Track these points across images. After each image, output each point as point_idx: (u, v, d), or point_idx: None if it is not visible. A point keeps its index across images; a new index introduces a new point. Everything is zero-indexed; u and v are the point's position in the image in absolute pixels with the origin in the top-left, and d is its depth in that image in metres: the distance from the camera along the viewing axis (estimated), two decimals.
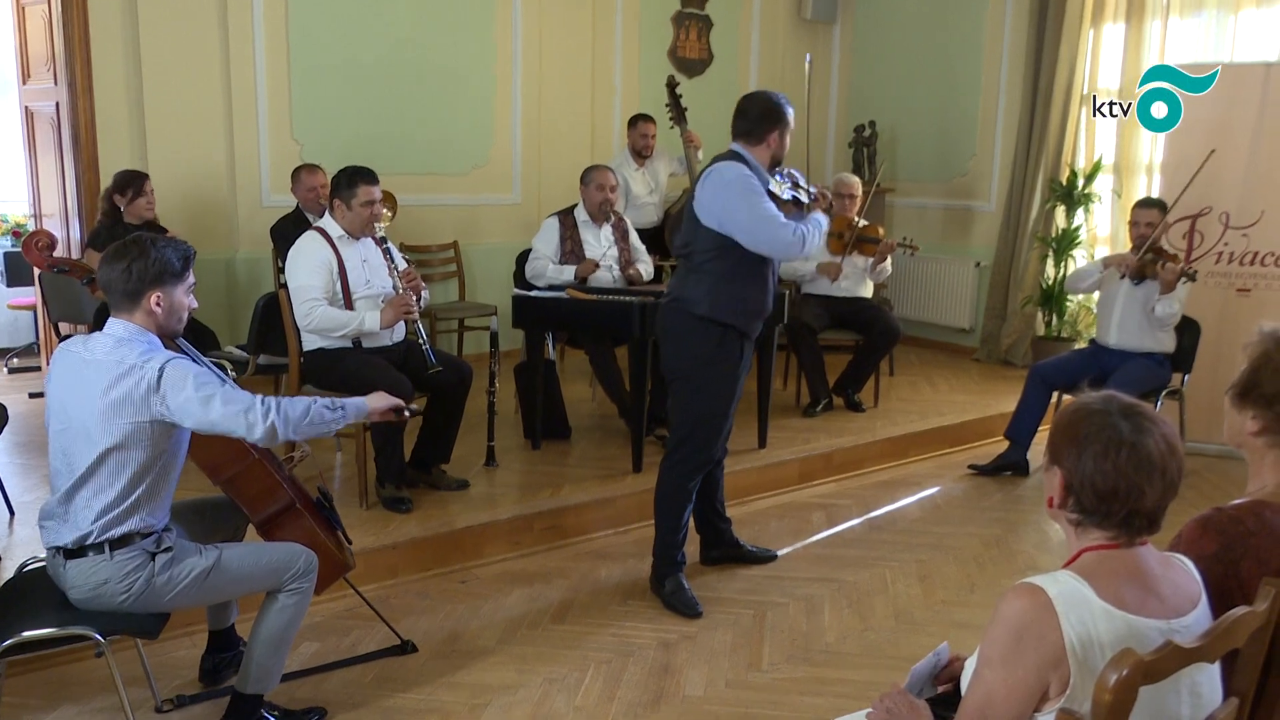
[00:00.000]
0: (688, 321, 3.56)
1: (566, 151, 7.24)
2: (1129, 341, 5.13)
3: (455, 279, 6.93)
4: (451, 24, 6.72)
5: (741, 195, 3.42)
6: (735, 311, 3.55)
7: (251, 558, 2.74)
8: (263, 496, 2.86)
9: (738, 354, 3.61)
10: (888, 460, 5.45)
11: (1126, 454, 1.61)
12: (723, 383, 3.60)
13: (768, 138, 3.53)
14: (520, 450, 5.06)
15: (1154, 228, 5.06)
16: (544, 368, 5.09)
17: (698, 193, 3.54)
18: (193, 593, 2.66)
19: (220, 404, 2.53)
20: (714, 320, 3.53)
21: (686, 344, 3.58)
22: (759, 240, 3.44)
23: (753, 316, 3.62)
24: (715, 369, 3.57)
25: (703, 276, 3.53)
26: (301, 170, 5.58)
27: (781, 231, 3.42)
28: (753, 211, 3.41)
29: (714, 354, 3.56)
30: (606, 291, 5.01)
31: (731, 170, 3.47)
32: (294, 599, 2.77)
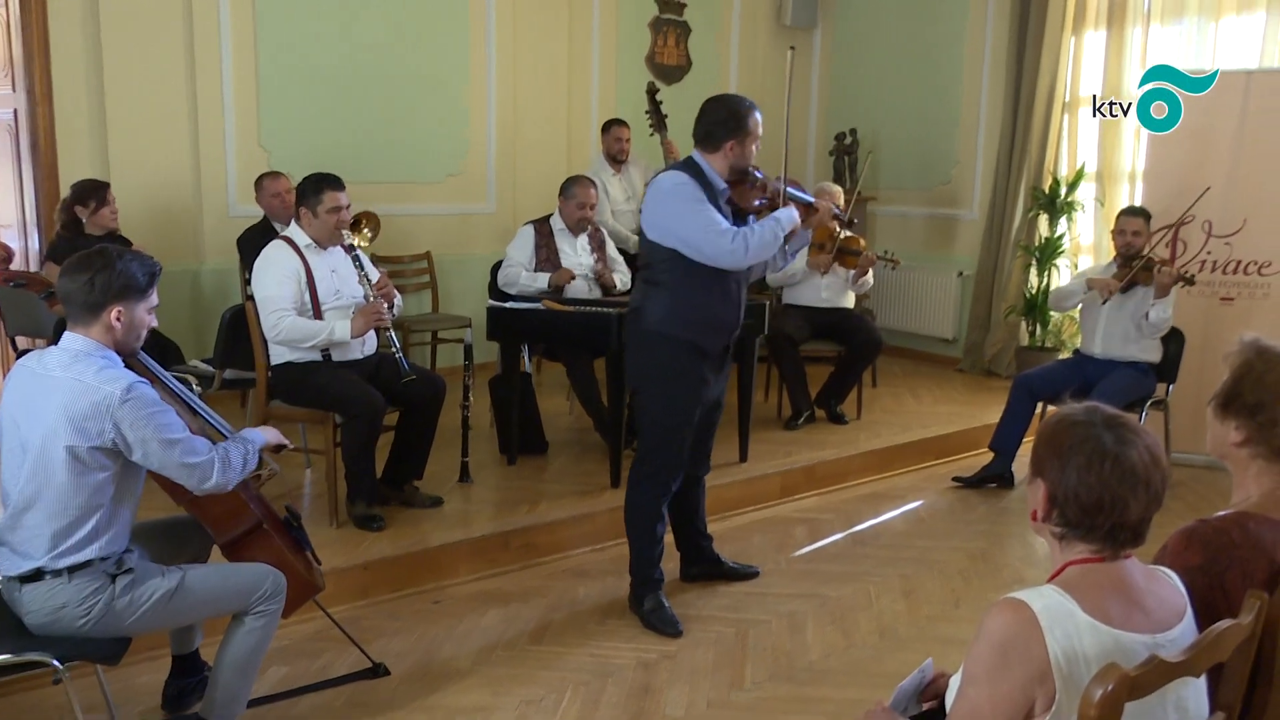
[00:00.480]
0: (644, 335, 3.56)
1: (542, 160, 7.24)
2: (1114, 351, 5.18)
3: (428, 290, 6.91)
4: (425, 29, 6.72)
5: (677, 204, 3.41)
6: (690, 325, 3.50)
7: (217, 579, 2.72)
8: (228, 516, 2.83)
9: (696, 368, 3.55)
10: (871, 473, 5.47)
11: (1110, 466, 1.62)
12: (680, 397, 3.56)
13: (724, 146, 3.48)
14: (495, 466, 5.04)
15: (1140, 236, 5.13)
16: (520, 381, 5.09)
17: (643, 208, 3.57)
18: (155, 616, 2.63)
19: (179, 453, 2.54)
20: (666, 335, 3.51)
21: (643, 358, 3.59)
22: (699, 250, 3.41)
23: (711, 331, 3.56)
24: (672, 384, 3.55)
25: (659, 290, 3.51)
26: (264, 177, 5.56)
27: (719, 240, 3.38)
28: (688, 220, 3.39)
29: (669, 368, 3.53)
30: (583, 303, 5.01)
31: (669, 180, 3.47)
32: (261, 621, 2.74)
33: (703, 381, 3.60)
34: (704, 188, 3.46)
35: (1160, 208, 5.67)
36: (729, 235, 3.40)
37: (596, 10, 7.46)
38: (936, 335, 7.85)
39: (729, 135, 3.47)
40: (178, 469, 2.55)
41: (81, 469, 2.50)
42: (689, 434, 3.64)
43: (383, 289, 4.20)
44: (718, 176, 3.51)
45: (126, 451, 2.51)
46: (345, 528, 4.16)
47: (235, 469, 2.65)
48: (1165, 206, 5.68)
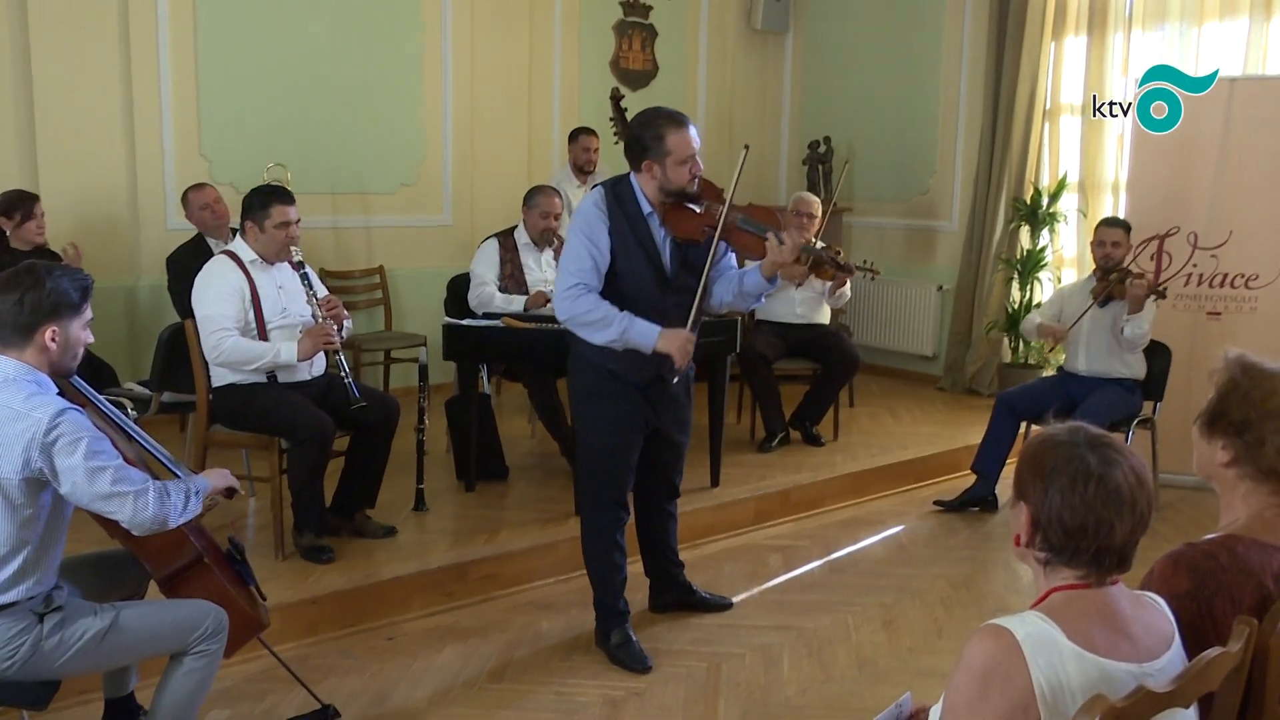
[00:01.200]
0: (572, 358, 3.60)
1: (502, 169, 7.25)
2: (1098, 367, 5.25)
3: (381, 307, 6.88)
4: (376, 32, 6.72)
5: (576, 226, 3.45)
6: (606, 353, 3.47)
7: (154, 617, 2.68)
8: (166, 550, 2.80)
9: (623, 396, 3.51)
10: (848, 497, 5.50)
11: (1094, 487, 1.64)
12: (607, 424, 3.54)
13: (643, 166, 3.40)
14: (452, 493, 5.02)
15: (1120, 247, 5.21)
16: (478, 402, 5.07)
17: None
18: (87, 657, 2.59)
19: (109, 482, 2.48)
20: (588, 360, 3.51)
21: (573, 380, 3.63)
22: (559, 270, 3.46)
23: (631, 362, 3.47)
24: (598, 406, 3.56)
25: None
26: (190, 191, 5.50)
27: (560, 280, 3.41)
28: (572, 243, 3.44)
29: (594, 391, 3.55)
30: (544, 319, 5.01)
31: (586, 199, 3.50)
32: (202, 662, 2.71)
33: (635, 407, 3.54)
34: (621, 211, 3.40)
35: (1144, 219, 5.76)
36: (568, 281, 3.39)
37: (558, 12, 7.50)
38: (915, 352, 7.92)
39: (644, 155, 3.38)
40: (108, 500, 2.50)
41: (7, 503, 2.46)
42: (624, 458, 3.60)
43: (331, 309, 4.18)
44: (644, 199, 3.44)
45: (54, 482, 2.47)
46: (292, 560, 4.12)
47: (175, 507, 2.59)
48: (1149, 218, 5.78)
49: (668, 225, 3.44)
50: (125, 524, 2.56)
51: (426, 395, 4.80)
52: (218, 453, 4.38)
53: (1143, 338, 5.10)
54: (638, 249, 3.44)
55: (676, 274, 3.50)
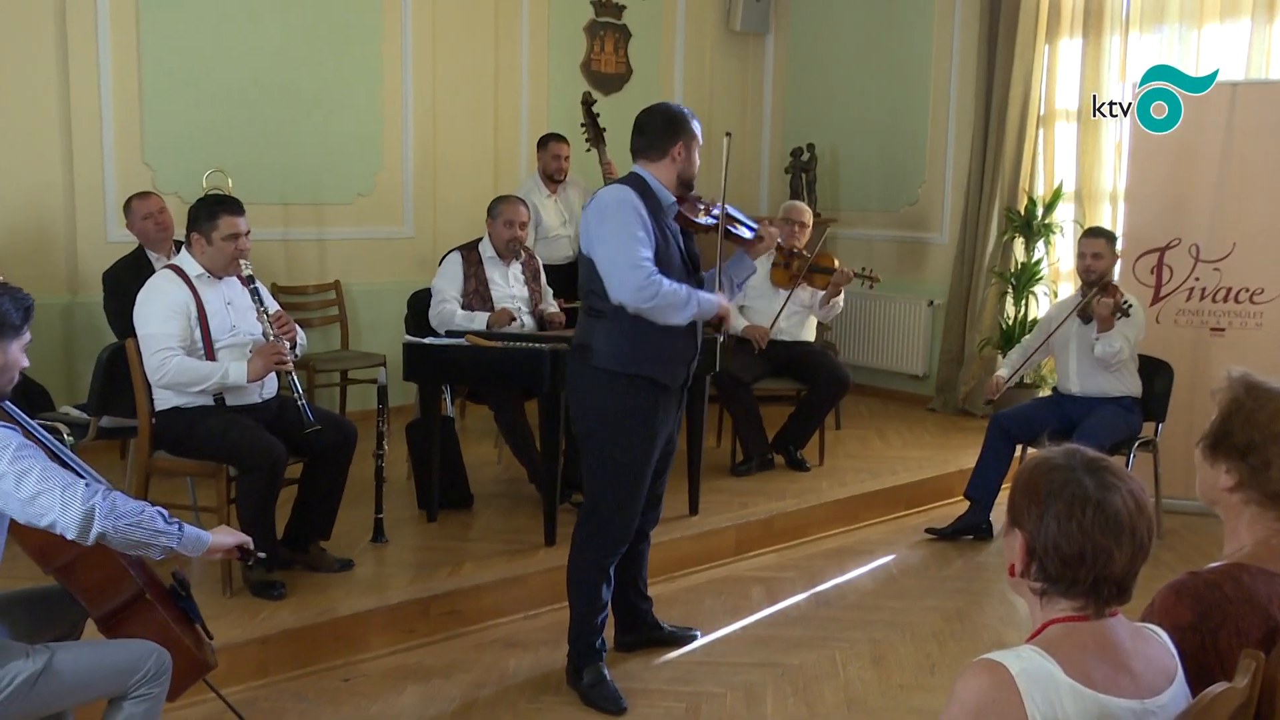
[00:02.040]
0: (588, 374, 3.56)
1: (467, 177, 7.26)
2: (1092, 387, 5.30)
3: (337, 324, 6.86)
4: (332, 33, 6.72)
5: (609, 222, 3.43)
6: (646, 359, 3.52)
7: (91, 659, 2.65)
8: (105, 586, 2.77)
9: (652, 406, 3.57)
10: (835, 526, 5.51)
11: (1092, 513, 1.65)
12: (636, 441, 3.57)
13: (671, 151, 3.55)
14: (414, 523, 5.00)
15: (1101, 259, 5.26)
16: (441, 426, 5.06)
17: (582, 224, 3.61)
18: (18, 703, 2.55)
19: (36, 480, 2.43)
20: (619, 373, 3.52)
21: (592, 399, 3.58)
22: (607, 276, 3.41)
23: (670, 363, 3.59)
24: (628, 427, 3.55)
25: (606, 321, 3.51)
26: (134, 199, 5.47)
27: (631, 273, 3.36)
28: (612, 241, 3.41)
29: (623, 407, 3.54)
30: (513, 337, 5.01)
31: (611, 194, 3.50)
32: (143, 706, 2.68)
33: (662, 422, 3.64)
34: (648, 204, 3.50)
35: (1143, 230, 5.83)
36: (644, 272, 3.37)
37: (525, 13, 7.53)
38: (905, 371, 7.96)
39: (675, 139, 3.55)
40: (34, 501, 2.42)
41: None
42: (645, 484, 3.66)
43: (284, 326, 4.16)
44: (665, 190, 3.57)
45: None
46: (241, 596, 4.09)
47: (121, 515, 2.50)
48: (1148, 229, 5.84)
49: (684, 212, 3.61)
50: (57, 524, 2.45)
51: (386, 419, 4.78)
52: (161, 481, 4.35)
53: (1114, 356, 5.14)
54: (669, 240, 3.58)
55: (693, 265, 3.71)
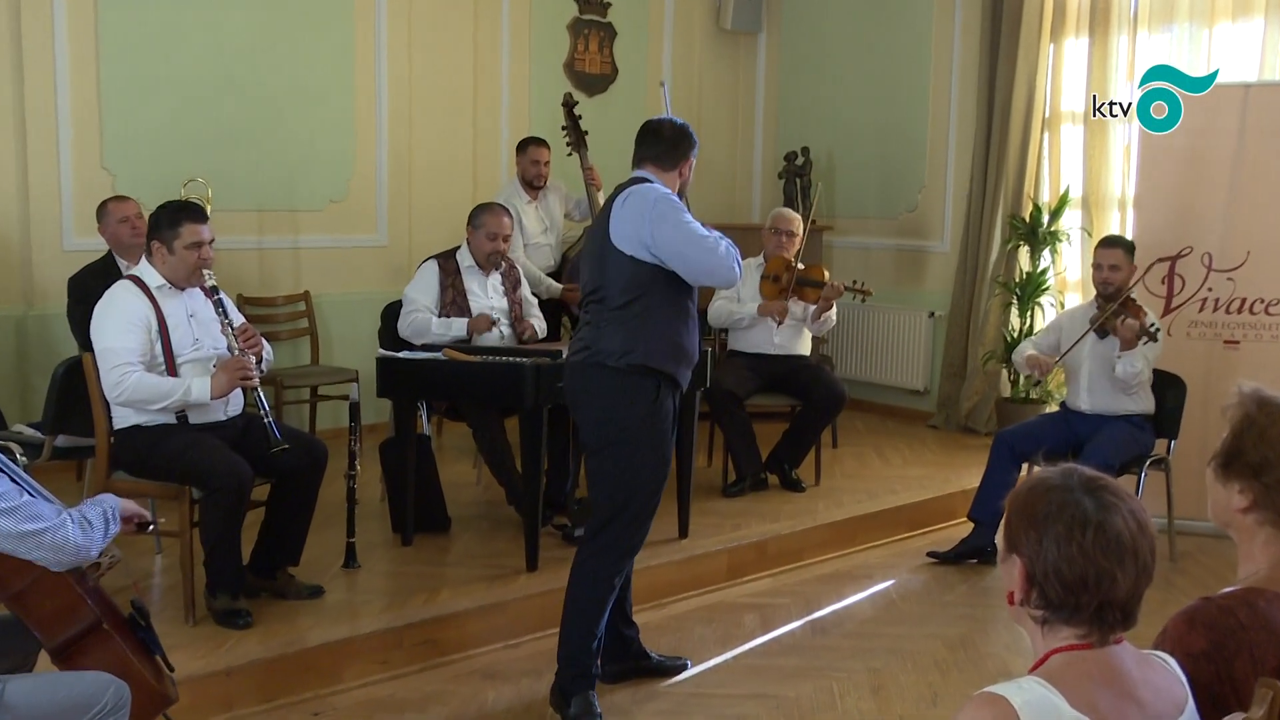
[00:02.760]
0: (609, 378, 3.62)
1: (443, 183, 7.26)
2: (1102, 404, 5.32)
3: (306, 337, 6.85)
4: (302, 33, 6.73)
5: (670, 214, 3.60)
6: (667, 356, 3.66)
7: (45, 692, 2.63)
8: (60, 615, 2.76)
9: (670, 406, 3.74)
10: (832, 549, 5.51)
11: (1093, 535, 1.66)
12: (659, 443, 3.70)
13: (680, 165, 3.77)
14: (388, 547, 4.99)
15: (1119, 271, 5.27)
16: (416, 445, 5.05)
17: (614, 221, 3.64)
18: None
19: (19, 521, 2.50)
20: (645, 368, 3.62)
21: (612, 405, 3.63)
22: (694, 264, 3.62)
23: (686, 362, 3.75)
24: (649, 429, 3.66)
25: (624, 320, 3.63)
26: (110, 202, 5.48)
27: (716, 253, 3.61)
28: (683, 232, 3.59)
29: (648, 411, 3.65)
30: (493, 351, 5.01)
31: (654, 190, 3.65)
32: None
33: (674, 426, 3.79)
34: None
35: (1153, 238, 5.86)
36: (720, 246, 3.64)
37: (506, 10, 7.55)
38: (905, 386, 7.98)
39: (686, 154, 3.77)
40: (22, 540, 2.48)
41: None
42: (661, 490, 3.77)
43: (249, 339, 4.16)
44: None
45: None
46: (204, 625, 4.08)
47: (98, 530, 2.62)
48: (1159, 237, 5.87)
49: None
50: (46, 563, 2.55)
51: (358, 437, 4.77)
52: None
53: (1135, 376, 5.15)
54: None
55: None
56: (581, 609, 3.73)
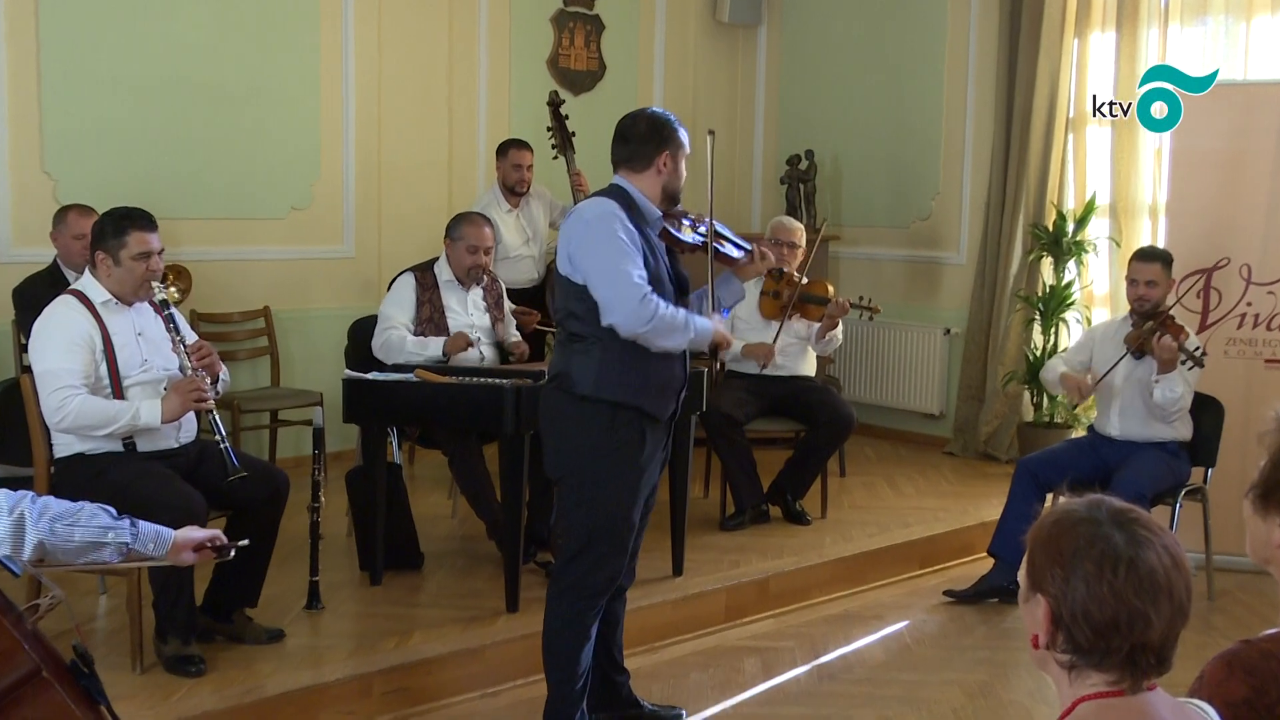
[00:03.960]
0: (569, 406, 3.63)
1: (416, 189, 7.27)
2: (1135, 430, 5.31)
3: (266, 357, 6.84)
4: (262, 25, 6.73)
5: (594, 238, 3.55)
6: (632, 387, 3.60)
7: None
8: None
9: (639, 441, 3.65)
10: (840, 587, 5.51)
11: (1125, 573, 1.65)
12: (622, 478, 3.64)
13: (656, 161, 3.68)
14: (355, 586, 4.97)
15: (1156, 286, 5.27)
16: (386, 475, 5.04)
17: (559, 239, 3.68)
18: None
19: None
20: (603, 400, 3.59)
21: (572, 434, 3.65)
22: (600, 297, 3.54)
23: (659, 393, 3.68)
24: (610, 461, 3.62)
25: (588, 346, 3.61)
26: (69, 211, 5.47)
27: (627, 292, 3.49)
28: (602, 258, 3.53)
29: (606, 442, 3.61)
30: (471, 372, 5.00)
31: (593, 208, 3.61)
32: None
33: (650, 458, 3.72)
34: (633, 219, 3.60)
35: (1187, 249, 5.86)
36: (640, 293, 3.50)
37: (484, 2, 7.56)
38: (918, 409, 7.99)
39: (661, 147, 3.67)
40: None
41: None
42: (633, 530, 3.73)
43: (204, 358, 4.15)
44: (650, 204, 3.68)
45: None
46: (153, 673, 4.05)
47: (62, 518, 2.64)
48: (1193, 247, 5.88)
49: (669, 229, 3.72)
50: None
51: (323, 466, 4.76)
52: None
53: (1174, 402, 5.13)
54: (658, 259, 3.69)
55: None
56: (555, 658, 3.74)
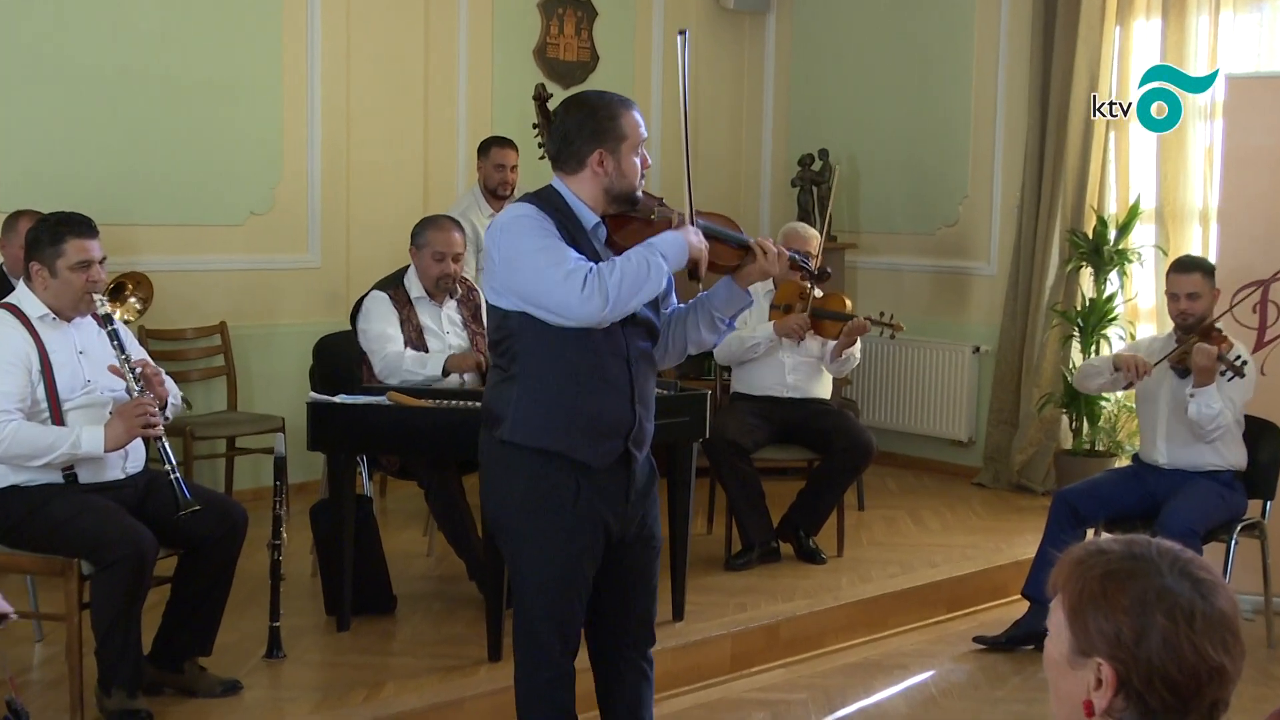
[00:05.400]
0: (499, 450, 3.49)
1: (389, 193, 7.27)
2: (1184, 458, 5.30)
3: (222, 378, 6.84)
4: (219, 14, 6.74)
5: (515, 240, 3.36)
6: (557, 430, 3.42)
7: None
8: None
9: (572, 492, 3.45)
10: (859, 633, 5.49)
11: (1202, 625, 1.63)
12: (552, 536, 3.46)
13: (588, 160, 3.43)
14: (320, 632, 4.96)
15: (1199, 300, 5.25)
16: (356, 508, 5.03)
17: (484, 265, 3.56)
18: None
19: None
20: (523, 446, 3.44)
21: (497, 483, 3.54)
22: (538, 302, 3.31)
23: (590, 435, 3.45)
24: (538, 518, 3.46)
25: (507, 381, 3.46)
26: (20, 218, 5.47)
27: (563, 283, 3.26)
28: (523, 260, 3.33)
29: (534, 491, 3.46)
30: (450, 394, 4.99)
31: (506, 215, 3.47)
32: None
33: (591, 511, 3.49)
34: (559, 223, 3.41)
35: (1241, 259, 5.86)
36: (578, 278, 3.26)
37: None
38: (945, 436, 7.99)
39: (593, 143, 3.42)
40: None
41: None
42: (574, 593, 3.53)
43: (151, 379, 4.13)
44: (586, 208, 3.47)
45: None
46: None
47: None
48: (1248, 256, 5.88)
49: (617, 240, 3.47)
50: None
51: (285, 499, 4.74)
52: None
53: (1211, 420, 5.09)
54: None
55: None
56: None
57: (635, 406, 3.50)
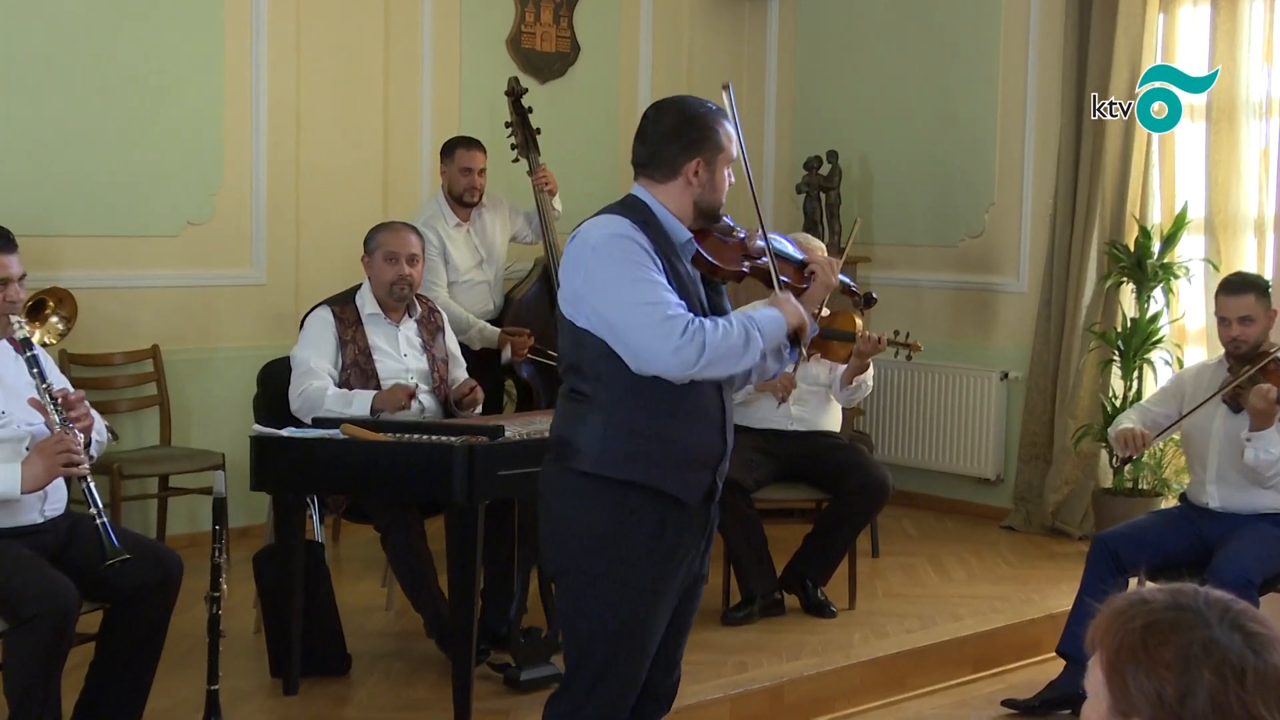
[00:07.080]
0: (574, 482, 3.50)
1: (343, 200, 7.27)
2: (1237, 500, 5.29)
3: (154, 409, 6.83)
4: (157, 8, 6.75)
5: (606, 268, 3.39)
6: (646, 461, 3.46)
7: None
8: None
9: (658, 529, 3.50)
10: (873, 696, 5.49)
11: (1254, 682, 1.64)
12: (633, 579, 3.48)
13: (684, 168, 3.50)
14: (264, 696, 4.96)
15: (1253, 324, 5.22)
16: (305, 556, 5.03)
17: (560, 272, 3.58)
18: None
19: None
20: (609, 478, 3.46)
21: (571, 520, 3.53)
22: (625, 344, 3.36)
23: (683, 468, 3.53)
24: (618, 555, 3.48)
25: (591, 408, 3.47)
26: None
27: (660, 331, 3.31)
28: (618, 293, 3.36)
29: (616, 530, 3.47)
30: (410, 427, 4.99)
31: (598, 230, 3.47)
32: None
33: (674, 552, 3.55)
34: (654, 241, 3.46)
35: None
36: (678, 326, 3.32)
37: None
38: (970, 473, 8.00)
39: (691, 152, 3.51)
40: None
41: None
42: (651, 642, 3.57)
43: (75, 411, 4.13)
44: (677, 222, 3.54)
45: None
46: None
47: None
48: None
49: (707, 255, 3.57)
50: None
51: (225, 546, 4.73)
52: None
53: (1270, 466, 5.07)
54: (688, 291, 3.52)
55: None
56: None
57: (726, 435, 3.66)
